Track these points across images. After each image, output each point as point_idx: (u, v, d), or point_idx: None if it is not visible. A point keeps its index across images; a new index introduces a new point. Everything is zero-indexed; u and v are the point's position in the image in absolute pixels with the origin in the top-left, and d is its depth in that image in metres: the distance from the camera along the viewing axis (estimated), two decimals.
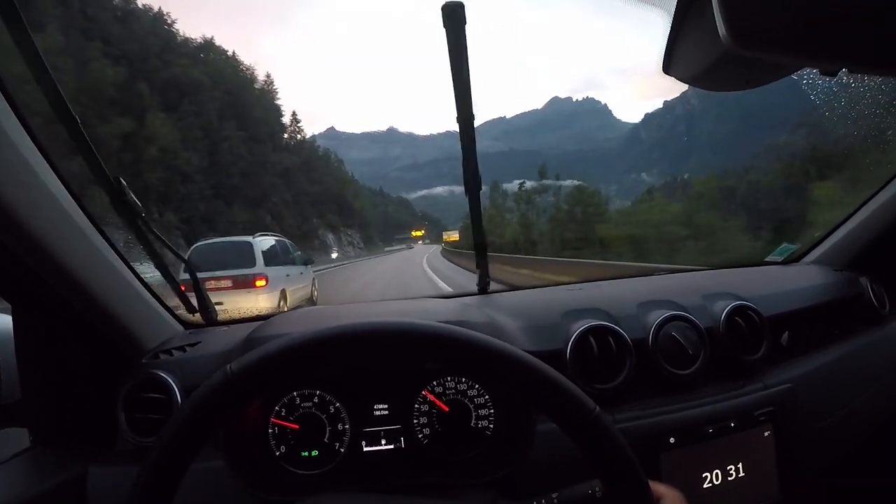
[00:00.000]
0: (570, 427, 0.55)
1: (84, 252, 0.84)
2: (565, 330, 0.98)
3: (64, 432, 0.93)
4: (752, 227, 13.26)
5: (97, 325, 0.89)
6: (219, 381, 0.53)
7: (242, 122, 37.23)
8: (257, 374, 0.54)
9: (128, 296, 0.95)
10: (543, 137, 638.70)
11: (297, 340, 0.55)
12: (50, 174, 0.78)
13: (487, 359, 0.56)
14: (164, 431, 0.52)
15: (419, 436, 0.93)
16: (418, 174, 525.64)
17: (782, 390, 1.02)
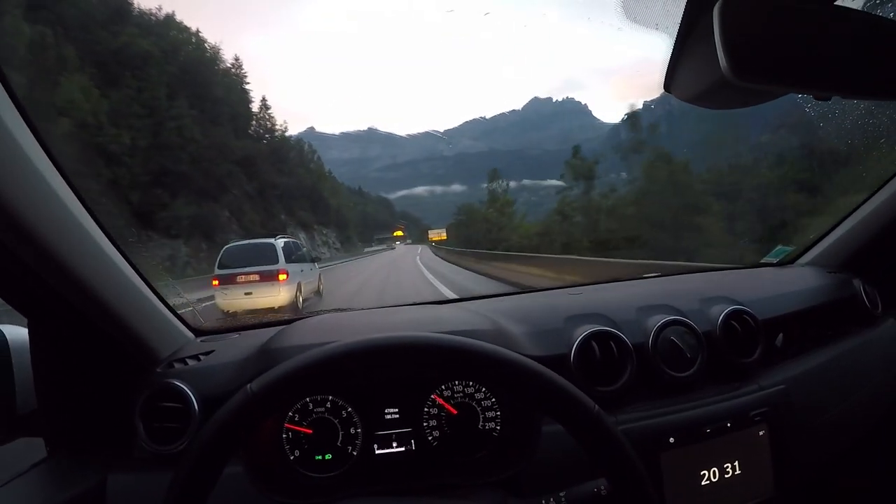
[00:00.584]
0: (572, 426, 0.61)
1: (97, 262, 0.84)
2: (569, 335, 1.02)
3: (80, 441, 0.95)
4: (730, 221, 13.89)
5: (111, 335, 0.91)
6: (241, 402, 0.57)
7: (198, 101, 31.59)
8: (277, 392, 0.59)
9: (140, 304, 0.96)
10: (524, 137, 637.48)
11: (314, 359, 0.60)
12: (60, 182, 0.78)
13: (493, 367, 0.62)
14: (189, 452, 0.56)
15: (429, 438, 0.98)
16: (398, 174, 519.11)
17: (777, 391, 1.07)
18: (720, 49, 0.48)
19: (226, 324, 1.25)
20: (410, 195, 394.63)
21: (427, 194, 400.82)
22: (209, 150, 29.03)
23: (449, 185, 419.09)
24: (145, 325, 0.97)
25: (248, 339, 1.09)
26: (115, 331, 0.90)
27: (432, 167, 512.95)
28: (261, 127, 41.62)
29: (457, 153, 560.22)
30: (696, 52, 0.58)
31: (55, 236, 0.74)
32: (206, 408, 0.90)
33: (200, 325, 1.17)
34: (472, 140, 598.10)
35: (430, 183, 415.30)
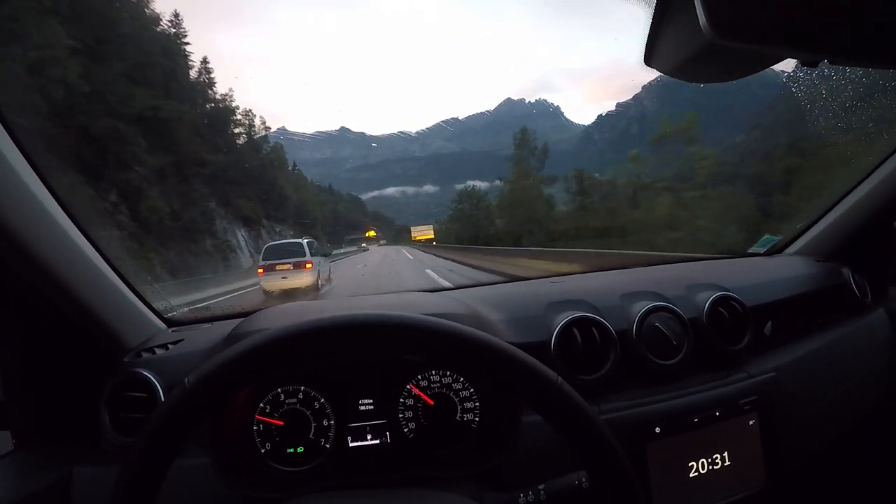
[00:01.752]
0: (536, 402, 0.58)
1: (64, 248, 0.83)
2: (549, 322, 1.01)
3: (47, 433, 0.94)
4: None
5: (79, 324, 0.90)
6: (177, 396, 0.55)
7: (84, 30, 20.39)
8: (216, 383, 0.56)
9: (109, 293, 0.94)
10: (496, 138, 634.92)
11: (247, 347, 0.57)
12: (26, 167, 0.77)
13: (443, 341, 0.58)
14: (132, 450, 0.55)
15: (405, 430, 0.96)
16: (369, 175, 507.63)
17: (766, 379, 1.06)
18: (700, 6, 0.44)
19: (199, 314, 1.24)
20: (382, 196, 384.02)
21: (399, 195, 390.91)
22: (92, 98, 18.32)
23: (421, 186, 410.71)
24: (114, 313, 0.95)
25: (219, 328, 1.07)
26: (83, 319, 0.89)
27: (404, 168, 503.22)
28: (196, 91, 30.08)
29: (429, 154, 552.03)
30: (676, 20, 0.54)
31: (21, 223, 0.74)
32: None
33: (172, 316, 1.15)
34: (444, 141, 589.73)
35: (401, 184, 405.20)
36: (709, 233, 10.59)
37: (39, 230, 0.78)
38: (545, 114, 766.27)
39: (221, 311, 1.28)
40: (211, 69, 32.53)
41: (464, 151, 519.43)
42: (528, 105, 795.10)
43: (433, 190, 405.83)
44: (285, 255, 10.23)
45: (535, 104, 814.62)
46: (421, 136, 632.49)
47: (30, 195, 0.77)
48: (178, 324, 1.14)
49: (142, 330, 1.04)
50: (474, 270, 13.00)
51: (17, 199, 0.74)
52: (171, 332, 1.09)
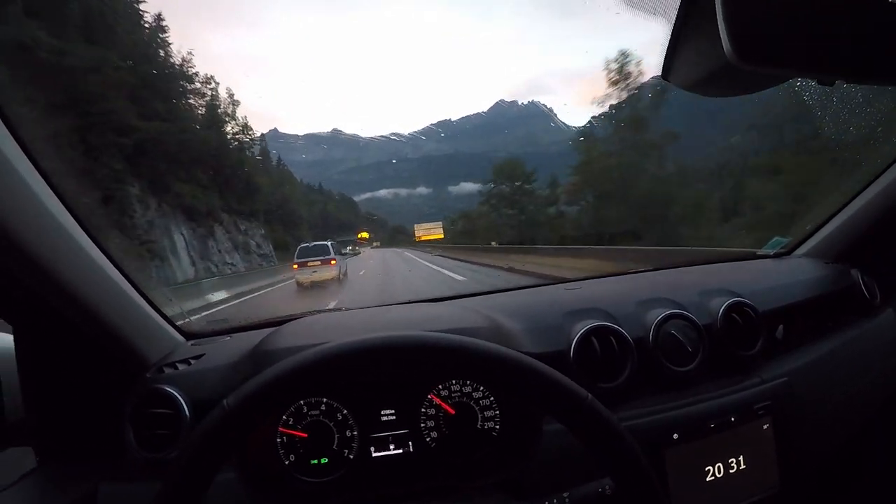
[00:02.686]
0: (566, 418, 0.60)
1: (82, 266, 0.83)
2: (567, 331, 1.03)
3: (70, 450, 0.95)
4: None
5: (99, 341, 0.90)
6: (217, 418, 0.56)
7: None
8: (255, 404, 0.57)
9: (129, 309, 0.95)
10: (489, 140, 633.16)
11: (293, 366, 0.58)
12: (44, 187, 0.77)
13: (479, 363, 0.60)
14: (170, 472, 0.55)
15: (427, 439, 0.97)
16: (362, 177, 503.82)
17: (779, 384, 1.08)
18: (724, 32, 0.46)
19: (217, 326, 1.23)
20: (374, 198, 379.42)
21: (391, 197, 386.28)
22: None
23: (414, 188, 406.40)
24: (134, 329, 0.96)
25: (240, 341, 1.08)
26: (103, 336, 0.90)
27: (397, 170, 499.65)
28: (139, 47, 22.80)
29: (421, 156, 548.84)
30: (695, 38, 0.56)
31: (39, 240, 0.74)
32: (198, 413, 0.89)
33: (191, 329, 1.16)
34: (437, 142, 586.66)
35: (394, 185, 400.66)
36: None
37: (56, 247, 0.77)
38: (538, 115, 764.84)
39: (239, 323, 1.27)
40: (166, 27, 25.02)
41: (456, 153, 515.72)
42: (520, 106, 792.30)
43: (426, 192, 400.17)
44: (314, 253, 12.69)
45: (527, 106, 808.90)
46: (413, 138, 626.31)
47: (44, 208, 0.76)
48: (196, 336, 1.15)
49: (161, 344, 1.04)
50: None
51: (31, 213, 0.73)
52: (191, 345, 1.09)
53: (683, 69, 0.60)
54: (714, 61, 0.53)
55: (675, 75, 0.61)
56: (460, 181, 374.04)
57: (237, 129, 29.03)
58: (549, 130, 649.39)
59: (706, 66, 0.56)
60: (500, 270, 13.47)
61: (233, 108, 28.35)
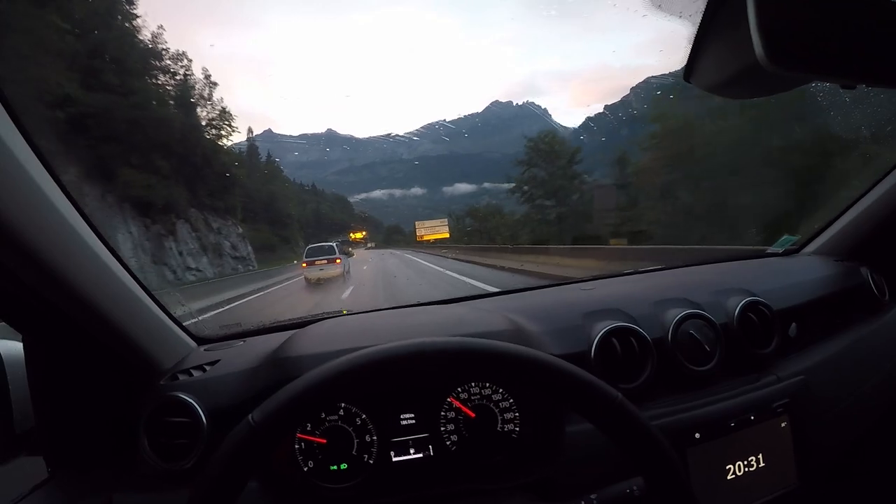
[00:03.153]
0: (597, 417, 0.61)
1: (95, 271, 0.81)
2: (588, 332, 1.03)
3: (82, 459, 0.93)
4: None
5: (112, 347, 0.88)
6: (243, 434, 0.55)
7: None
8: (281, 419, 0.57)
9: (141, 314, 0.93)
10: (483, 141, 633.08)
11: (315, 380, 0.58)
12: (54, 188, 0.74)
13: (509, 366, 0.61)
14: (197, 491, 0.55)
15: (447, 443, 0.97)
16: (356, 177, 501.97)
17: (796, 382, 1.09)
18: (756, 35, 0.46)
19: (229, 330, 1.22)
20: (369, 199, 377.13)
21: (386, 197, 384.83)
22: None
23: (408, 189, 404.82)
24: (147, 335, 0.94)
25: (254, 346, 1.07)
26: (116, 343, 0.87)
27: (391, 170, 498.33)
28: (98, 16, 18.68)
29: (416, 156, 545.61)
30: (720, 40, 0.56)
31: (50, 247, 0.71)
32: (215, 421, 0.88)
33: (202, 334, 1.14)
34: (431, 143, 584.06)
35: (389, 186, 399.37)
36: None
37: (68, 253, 0.75)
38: (533, 116, 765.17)
39: (252, 326, 1.26)
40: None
41: (451, 154, 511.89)
42: (515, 107, 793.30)
43: (420, 192, 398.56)
44: (322, 253, 14.32)
45: (522, 107, 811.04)
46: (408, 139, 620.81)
47: (57, 213, 0.74)
48: (208, 341, 1.14)
49: (174, 349, 1.03)
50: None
51: (44, 219, 0.71)
52: (204, 350, 1.08)
53: (707, 71, 0.60)
54: (738, 64, 0.53)
55: (697, 77, 0.61)
56: (455, 182, 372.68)
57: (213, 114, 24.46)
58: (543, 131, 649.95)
59: (730, 68, 0.56)
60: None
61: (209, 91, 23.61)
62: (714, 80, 0.60)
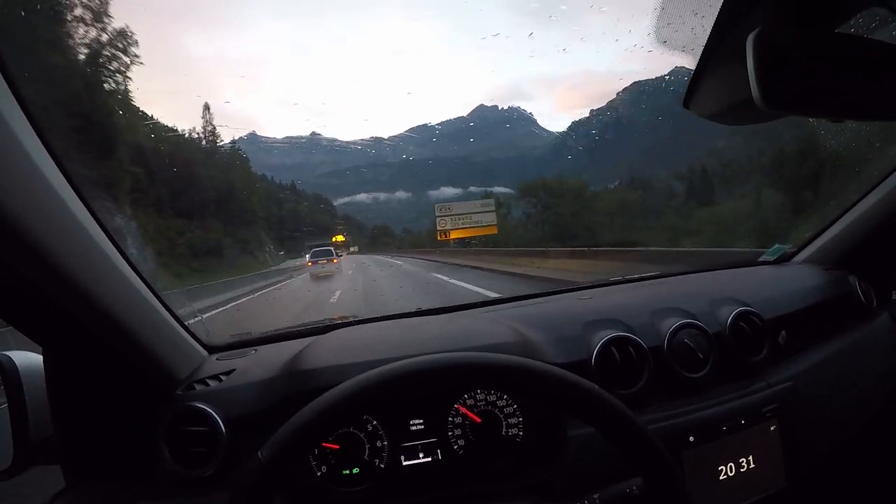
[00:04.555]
0: (581, 413, 0.66)
1: (113, 281, 0.82)
2: (588, 341, 1.08)
3: (100, 468, 0.94)
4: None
5: (129, 358, 0.88)
6: (255, 473, 0.58)
7: None
8: (289, 452, 0.59)
9: (158, 323, 0.95)
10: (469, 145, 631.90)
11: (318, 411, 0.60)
12: (74, 199, 0.75)
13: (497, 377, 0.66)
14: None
15: (454, 447, 1.01)
16: (341, 180, 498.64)
17: (785, 388, 1.14)
18: (753, 78, 0.51)
19: (239, 339, 1.25)
20: (353, 202, 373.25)
21: (370, 200, 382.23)
22: None
23: (393, 192, 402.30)
24: (162, 344, 0.95)
25: (267, 355, 1.11)
26: (134, 353, 0.88)
27: (376, 174, 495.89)
28: None
29: (401, 160, 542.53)
30: (719, 74, 0.62)
31: (70, 256, 0.72)
32: (234, 430, 0.92)
33: (213, 342, 1.16)
34: (417, 147, 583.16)
35: (373, 189, 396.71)
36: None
37: (87, 264, 0.76)
38: (519, 120, 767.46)
39: (263, 333, 1.28)
40: None
41: (436, 158, 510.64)
42: (501, 111, 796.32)
43: (405, 196, 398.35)
44: (323, 255, 17.45)
45: (508, 111, 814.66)
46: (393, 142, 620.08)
47: (76, 222, 0.75)
48: (219, 349, 1.15)
49: (188, 359, 1.04)
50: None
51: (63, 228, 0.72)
52: (217, 359, 1.10)
53: (704, 101, 0.66)
54: (733, 97, 0.59)
55: (696, 105, 0.67)
56: (440, 186, 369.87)
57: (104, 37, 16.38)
58: (529, 136, 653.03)
59: (726, 100, 0.62)
60: None
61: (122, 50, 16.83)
62: (711, 109, 0.66)
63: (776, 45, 0.53)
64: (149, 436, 0.92)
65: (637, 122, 62.31)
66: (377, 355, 0.98)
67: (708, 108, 0.67)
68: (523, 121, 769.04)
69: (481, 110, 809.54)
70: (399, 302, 9.31)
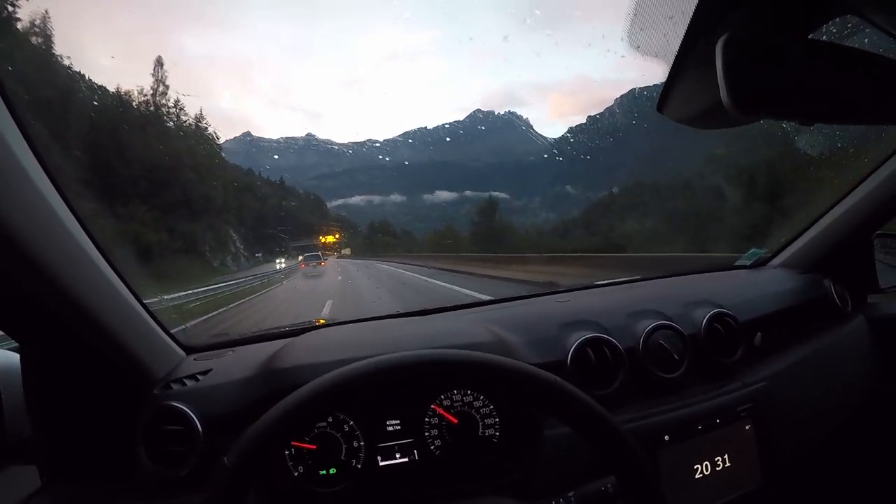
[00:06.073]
0: (547, 405, 0.67)
1: (91, 278, 0.81)
2: (564, 342, 1.09)
3: (76, 468, 0.93)
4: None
5: (107, 357, 0.88)
6: (222, 480, 0.59)
7: None
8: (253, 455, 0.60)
9: (135, 322, 0.94)
10: (465, 149, 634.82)
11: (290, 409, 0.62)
12: (53, 193, 0.74)
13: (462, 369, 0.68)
14: None
15: (431, 447, 1.00)
16: (335, 183, 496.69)
17: (759, 388, 1.16)
18: (722, 82, 0.52)
19: (217, 340, 1.24)
20: (347, 204, 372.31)
21: (364, 203, 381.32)
22: None
23: (388, 195, 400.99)
24: (141, 344, 0.94)
25: (244, 356, 1.10)
26: (112, 351, 0.87)
27: (371, 176, 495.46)
28: None
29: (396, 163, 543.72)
30: (691, 79, 0.62)
31: (50, 251, 0.71)
32: (210, 430, 0.91)
33: (191, 343, 1.15)
34: (412, 150, 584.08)
35: (368, 192, 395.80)
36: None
37: (66, 261, 0.75)
38: (514, 126, 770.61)
39: (240, 335, 1.28)
40: None
41: (432, 161, 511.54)
42: (497, 116, 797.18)
43: (400, 199, 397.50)
44: (314, 259, 21.21)
45: (504, 116, 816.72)
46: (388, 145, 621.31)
47: (59, 225, 0.74)
48: (197, 350, 1.14)
49: (165, 358, 1.04)
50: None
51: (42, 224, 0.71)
52: (194, 360, 1.09)
53: (677, 106, 0.66)
54: (706, 101, 0.59)
55: (669, 110, 0.67)
56: (435, 189, 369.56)
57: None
58: (524, 141, 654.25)
59: (699, 104, 0.62)
60: None
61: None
62: (684, 114, 0.66)
63: (746, 48, 0.53)
64: (126, 436, 0.91)
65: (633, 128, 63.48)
66: (351, 354, 0.97)
67: (681, 113, 0.67)
68: (518, 126, 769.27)
69: (478, 115, 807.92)
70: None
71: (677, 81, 0.63)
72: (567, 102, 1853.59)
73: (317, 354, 1.01)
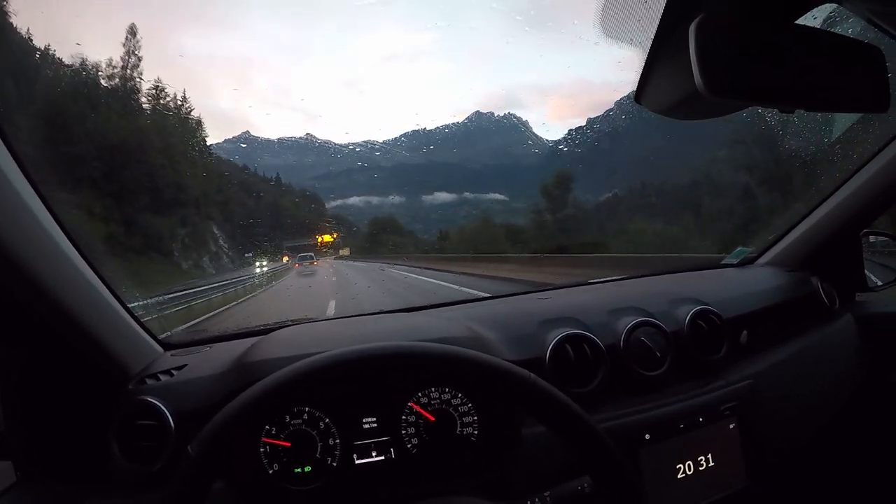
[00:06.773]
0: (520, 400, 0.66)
1: (66, 273, 0.81)
2: (542, 339, 1.08)
3: (51, 464, 0.92)
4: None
5: (82, 351, 0.87)
6: (186, 469, 0.60)
7: None
8: (219, 444, 0.61)
9: (111, 318, 0.94)
10: (463, 151, 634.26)
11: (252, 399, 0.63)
12: (26, 187, 0.74)
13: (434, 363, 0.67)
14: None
15: (408, 446, 0.99)
16: (333, 183, 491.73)
17: (744, 386, 1.14)
18: (695, 66, 0.51)
19: (195, 337, 1.23)
20: (345, 205, 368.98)
21: (363, 204, 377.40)
22: None
23: (386, 196, 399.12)
24: (116, 338, 0.94)
25: (220, 352, 1.09)
26: (86, 345, 0.87)
27: (369, 177, 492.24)
28: None
29: (395, 164, 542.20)
30: (667, 67, 0.62)
31: (22, 244, 0.70)
32: (183, 424, 0.90)
33: (169, 340, 1.15)
34: (411, 152, 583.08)
35: (366, 193, 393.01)
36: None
37: (40, 255, 0.75)
38: (513, 128, 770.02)
39: (218, 332, 1.27)
40: None
41: (430, 163, 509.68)
42: (496, 118, 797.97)
43: (399, 200, 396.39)
44: (307, 259, 19.66)
45: (503, 118, 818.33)
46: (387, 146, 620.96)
47: (31, 219, 0.74)
48: (174, 346, 1.14)
49: (141, 354, 1.03)
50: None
51: (15, 217, 0.71)
52: (171, 356, 1.08)
53: (655, 95, 0.65)
54: (683, 89, 0.58)
55: (647, 100, 0.66)
56: (434, 191, 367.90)
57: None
58: (523, 143, 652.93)
59: (676, 93, 0.61)
60: None
61: None
62: (661, 104, 0.65)
63: (720, 32, 0.52)
64: (100, 431, 0.90)
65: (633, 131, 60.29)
66: (324, 348, 0.95)
67: (658, 103, 0.66)
68: (517, 128, 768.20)
69: (477, 116, 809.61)
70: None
71: (654, 70, 0.62)
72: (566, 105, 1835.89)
73: (289, 348, 1.00)
